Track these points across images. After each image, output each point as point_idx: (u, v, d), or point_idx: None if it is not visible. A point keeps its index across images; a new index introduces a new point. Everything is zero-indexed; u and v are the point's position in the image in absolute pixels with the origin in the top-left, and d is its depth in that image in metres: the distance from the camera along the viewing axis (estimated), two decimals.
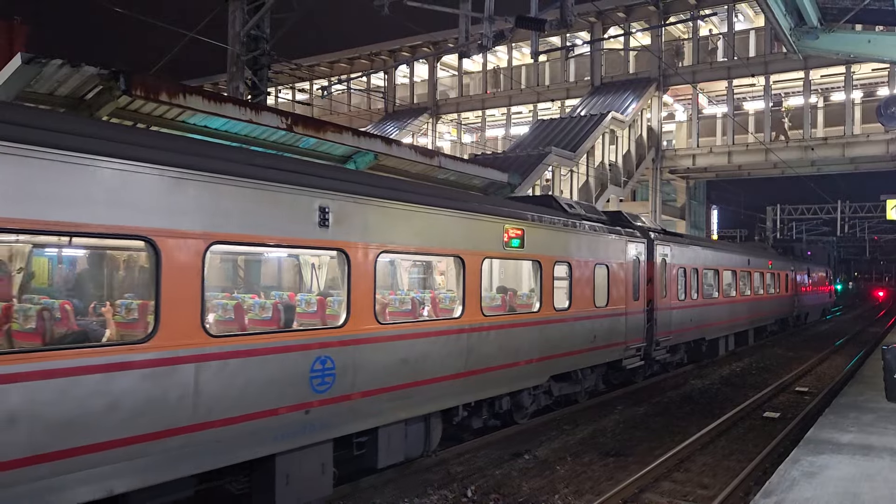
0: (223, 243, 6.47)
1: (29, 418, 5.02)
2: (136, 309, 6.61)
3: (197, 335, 6.14)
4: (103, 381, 5.46)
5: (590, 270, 13.06)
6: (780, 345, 26.65)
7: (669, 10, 34.26)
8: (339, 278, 7.90)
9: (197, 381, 6.12)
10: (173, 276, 5.95)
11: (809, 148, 32.00)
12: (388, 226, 8.21)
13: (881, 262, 79.95)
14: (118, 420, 5.54)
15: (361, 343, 7.80)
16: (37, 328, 6.03)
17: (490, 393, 10.30)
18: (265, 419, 6.71)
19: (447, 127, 43.32)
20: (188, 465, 6.08)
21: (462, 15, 13.74)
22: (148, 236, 5.78)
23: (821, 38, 11.08)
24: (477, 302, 9.75)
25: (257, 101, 15.61)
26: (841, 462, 8.07)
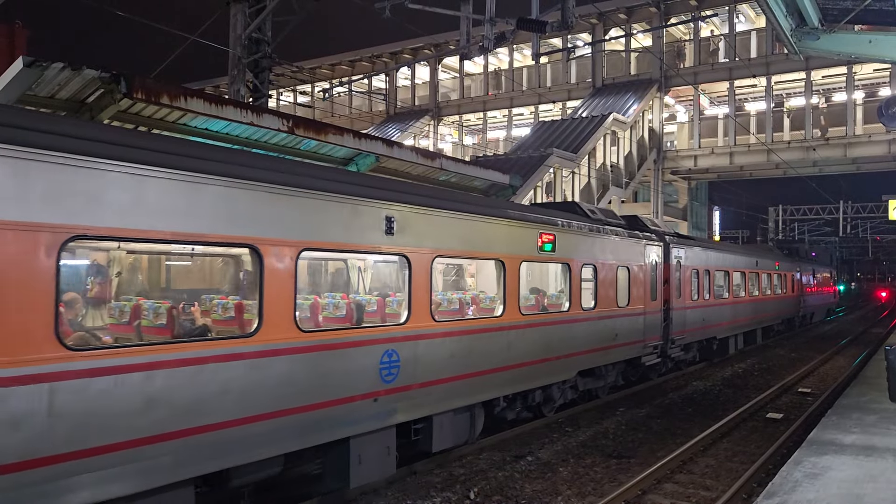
0: (311, 250, 7.29)
1: (166, 402, 5.78)
2: (244, 307, 7.26)
3: (291, 330, 6.93)
4: (219, 370, 6.26)
5: (613, 272, 13.76)
6: (782, 346, 26.61)
7: (670, 11, 34.28)
8: (400, 280, 8.74)
9: (291, 371, 6.93)
10: (273, 278, 6.74)
11: (811, 148, 31.99)
12: (440, 233, 9.05)
13: (883, 262, 79.80)
14: (230, 403, 6.32)
15: (420, 338, 8.64)
16: (167, 324, 6.88)
17: (526, 386, 11.07)
18: (343, 405, 7.51)
19: (448, 129, 43.35)
20: (287, 444, 6.92)
21: (463, 17, 13.75)
22: (253, 244, 6.58)
23: (822, 38, 11.07)
24: (516, 302, 10.53)
25: (258, 103, 15.63)
26: (844, 463, 8.05)
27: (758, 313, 25.46)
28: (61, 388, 5.16)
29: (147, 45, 58.14)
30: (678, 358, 18.14)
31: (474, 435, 10.11)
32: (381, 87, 44.90)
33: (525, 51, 38.32)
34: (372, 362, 7.89)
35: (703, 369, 19.74)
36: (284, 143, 12.71)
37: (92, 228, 5.42)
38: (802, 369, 19.71)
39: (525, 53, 38.98)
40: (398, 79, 43.97)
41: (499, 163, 24.30)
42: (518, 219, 10.76)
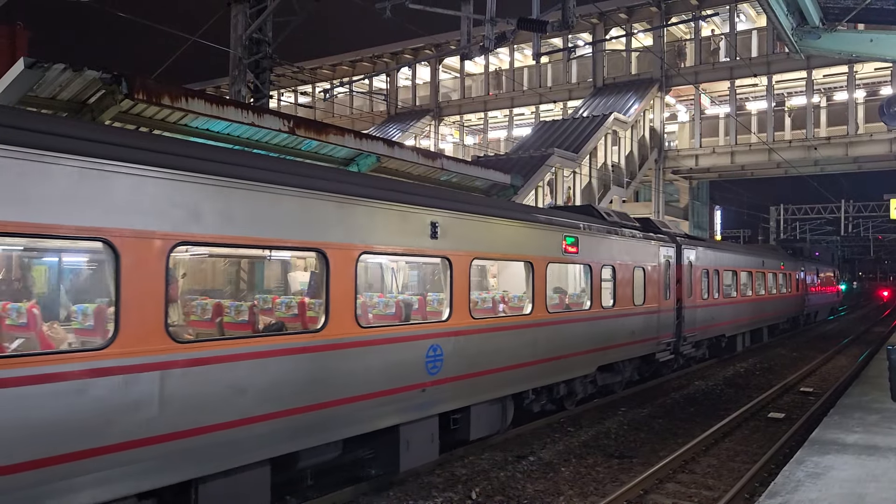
0: (369, 253, 7.96)
1: (253, 389, 6.48)
2: (319, 307, 7.82)
3: (352, 326, 7.58)
4: (291, 362, 6.88)
5: (630, 272, 14.42)
6: (783, 345, 26.59)
7: (671, 10, 34.26)
8: (442, 280, 9.34)
9: (351, 363, 7.58)
10: (337, 279, 7.40)
11: (812, 147, 31.96)
12: (477, 236, 9.68)
13: (885, 261, 79.76)
14: (299, 392, 6.90)
15: (461, 334, 9.28)
16: (248, 320, 7.75)
17: (552, 379, 11.75)
18: (395, 395, 8.18)
19: (449, 129, 43.35)
20: (347, 430, 7.60)
21: (464, 17, 13.75)
22: (321, 248, 7.24)
23: (823, 37, 11.07)
24: (543, 300, 11.19)
25: (259, 104, 15.63)
26: (846, 463, 8.04)
27: (764, 312, 26.00)
28: (173, 374, 5.88)
29: (148, 46, 58.17)
30: (689, 355, 18.72)
31: (505, 424, 10.77)
32: (382, 87, 44.90)
33: (526, 51, 38.32)
34: (419, 356, 8.56)
35: (704, 369, 19.73)
36: (285, 144, 12.71)
37: (196, 236, 6.19)
38: (804, 369, 19.69)
39: (526, 53, 38.97)
40: (399, 79, 43.97)
41: (500, 163, 24.30)
42: (545, 223, 11.44)
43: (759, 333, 26.30)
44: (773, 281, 27.43)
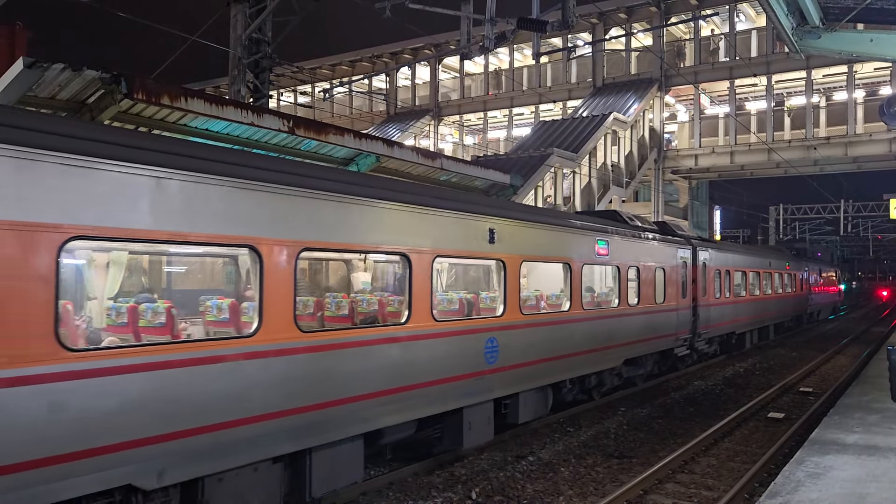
0: (442, 256, 9.12)
1: (350, 373, 7.52)
2: (402, 301, 8.77)
3: (429, 320, 8.70)
4: (382, 351, 7.97)
5: (652, 273, 15.50)
6: (783, 345, 26.60)
7: (671, 10, 34.24)
8: (496, 280, 10.46)
9: (429, 352, 8.66)
10: (417, 279, 8.50)
11: (812, 147, 31.96)
12: (526, 241, 10.79)
13: (885, 261, 79.77)
14: (386, 376, 7.96)
15: (512, 328, 10.36)
16: (348, 314, 8.73)
17: (585, 371, 12.79)
18: (461, 381, 9.30)
19: (449, 129, 43.33)
20: (422, 410, 8.62)
21: (464, 17, 13.74)
22: (405, 253, 8.37)
23: (823, 37, 11.07)
24: (579, 298, 12.33)
25: (259, 104, 15.62)
26: (846, 463, 8.04)
27: (771, 310, 27.12)
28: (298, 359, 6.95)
29: (147, 45, 58.15)
30: (703, 350, 19.74)
31: (546, 411, 11.89)
32: (382, 87, 44.87)
33: (525, 50, 38.29)
34: (480, 347, 9.66)
35: (704, 369, 19.74)
36: (285, 144, 12.70)
37: (315, 243, 7.29)
38: (804, 369, 19.69)
39: (525, 53, 38.95)
40: (398, 79, 43.95)
41: (499, 163, 24.29)
42: (581, 228, 12.62)
43: (766, 331, 27.16)
44: (779, 281, 28.40)
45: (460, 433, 9.56)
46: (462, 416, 9.53)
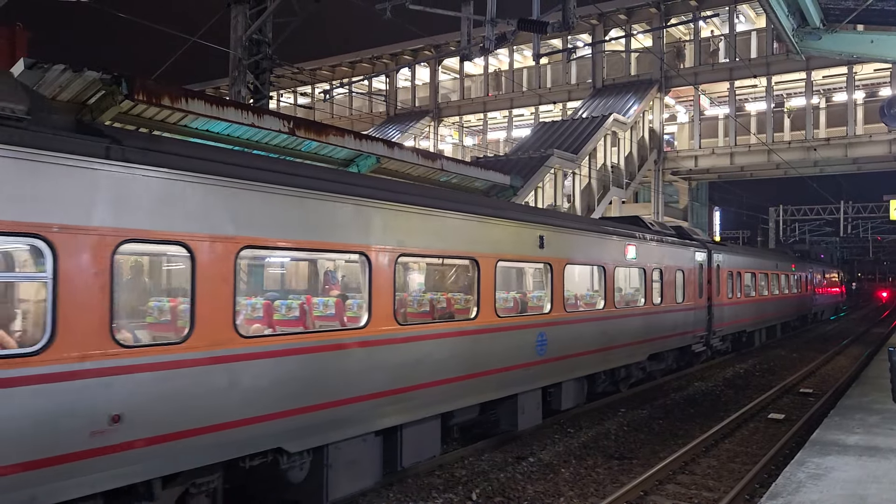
0: (503, 261, 10.34)
1: (432, 360, 8.73)
2: (470, 299, 10.01)
3: (493, 316, 9.96)
4: (456, 342, 9.18)
5: (672, 275, 16.64)
6: (783, 346, 26.59)
7: (671, 11, 34.26)
8: (544, 281, 11.67)
9: (492, 343, 9.93)
10: (484, 280, 9.75)
11: (812, 148, 31.96)
12: (570, 246, 12.10)
13: (884, 262, 79.72)
14: (457, 364, 9.20)
15: (557, 324, 11.55)
16: (428, 310, 9.93)
17: (616, 364, 14.02)
18: (518, 370, 10.55)
19: (449, 130, 43.33)
20: (487, 395, 9.92)
21: (464, 18, 13.73)
22: (474, 257, 9.60)
23: (823, 38, 11.07)
24: (612, 298, 13.47)
25: (259, 105, 15.62)
26: (847, 464, 8.03)
27: (778, 310, 28.34)
28: (398, 348, 8.23)
29: (148, 46, 58.20)
30: (717, 347, 20.79)
31: (583, 400, 13.16)
32: (382, 88, 44.88)
33: (525, 52, 38.32)
34: (532, 340, 10.88)
35: (704, 369, 19.73)
36: (285, 145, 12.69)
37: (407, 250, 8.50)
38: (804, 370, 19.69)
39: (525, 54, 38.97)
40: (398, 80, 43.97)
41: (499, 164, 24.28)
42: (614, 234, 13.93)
43: (774, 329, 28.38)
44: (786, 282, 29.57)
45: (515, 417, 10.84)
46: (517, 401, 10.79)
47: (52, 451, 5.13)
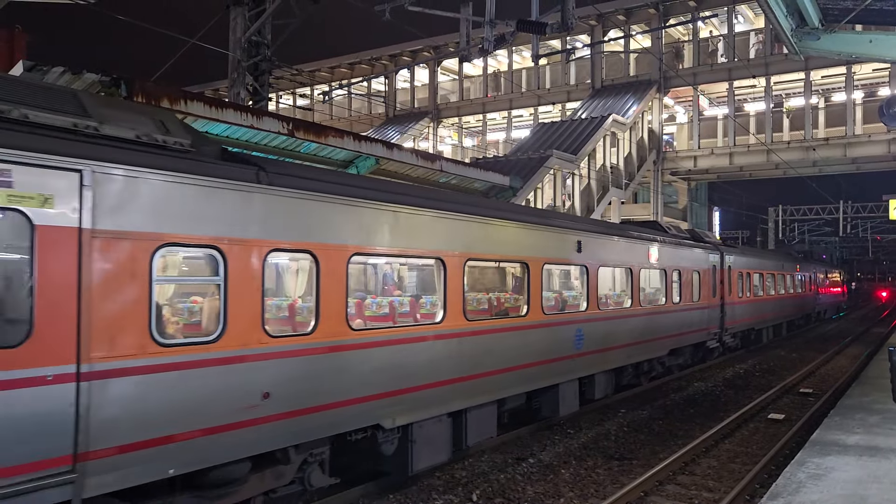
0: (548, 263, 11.47)
1: (491, 352, 9.93)
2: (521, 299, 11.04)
3: (540, 314, 11.10)
4: (509, 337, 10.36)
5: (690, 275, 17.75)
6: (783, 346, 26.60)
7: (669, 12, 34.26)
8: (581, 281, 12.82)
9: (539, 338, 11.07)
10: (533, 280, 10.87)
11: (811, 148, 31.97)
12: (602, 250, 13.20)
13: (884, 262, 79.67)
14: (511, 356, 10.32)
15: (592, 321, 12.66)
16: (487, 308, 10.62)
17: (642, 358, 15.14)
18: (559, 362, 11.67)
19: (448, 131, 43.33)
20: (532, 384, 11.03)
21: (463, 19, 13.74)
22: (525, 261, 10.81)
23: (822, 38, 11.07)
24: (638, 297, 14.58)
25: (258, 106, 15.62)
26: (847, 464, 8.03)
27: (784, 309, 29.39)
28: (464, 340, 9.39)
29: (147, 49, 58.03)
30: (729, 344, 21.69)
31: (612, 391, 14.25)
32: (381, 89, 44.88)
33: (524, 52, 38.34)
34: (571, 336, 12.03)
35: (704, 370, 19.74)
36: (284, 146, 12.69)
37: (473, 255, 9.71)
38: (804, 370, 19.69)
39: (524, 55, 38.99)
40: (397, 81, 43.97)
41: (499, 165, 24.29)
42: (638, 238, 14.97)
43: (780, 327, 29.46)
44: (791, 282, 30.65)
45: (557, 404, 11.94)
46: (558, 390, 11.88)
47: (221, 420, 6.28)
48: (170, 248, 6.05)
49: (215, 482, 6.44)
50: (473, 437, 9.77)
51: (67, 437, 5.23)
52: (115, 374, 5.55)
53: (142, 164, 5.76)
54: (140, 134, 5.97)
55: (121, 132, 5.84)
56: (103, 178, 5.51)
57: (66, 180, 5.30)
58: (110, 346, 5.52)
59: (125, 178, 5.66)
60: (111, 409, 5.48)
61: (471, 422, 9.66)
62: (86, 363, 5.34)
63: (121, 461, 5.55)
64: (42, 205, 5.16)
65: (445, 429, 9.22)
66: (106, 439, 5.45)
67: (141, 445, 5.68)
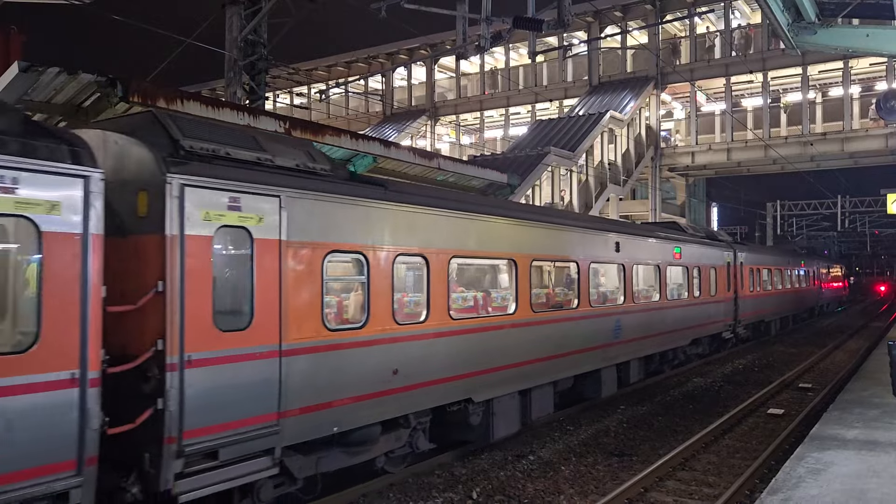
0: (594, 262, 13.21)
1: (549, 339, 11.60)
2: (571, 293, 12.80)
3: (588, 305, 12.83)
4: (562, 326, 12.03)
5: (708, 272, 19.42)
6: (781, 342, 26.62)
7: (666, 8, 34.19)
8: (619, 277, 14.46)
9: (587, 327, 12.75)
10: (583, 277, 12.68)
11: (808, 143, 31.96)
12: (636, 249, 15.01)
13: (882, 256, 79.68)
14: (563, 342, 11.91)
15: (628, 313, 14.37)
16: (545, 301, 12.26)
17: (667, 347, 16.89)
18: (602, 349, 13.33)
19: (445, 129, 43.27)
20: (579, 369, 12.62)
21: (459, 16, 13.70)
22: (577, 260, 12.55)
23: (819, 33, 11.07)
24: (665, 291, 16.38)
25: (255, 105, 15.59)
26: (847, 458, 8.04)
27: (791, 302, 31.07)
28: (532, 329, 11.16)
29: (143, 48, 57.94)
30: (742, 335, 23.24)
31: (643, 375, 15.89)
32: (378, 87, 44.80)
33: (521, 50, 38.21)
34: (611, 326, 13.63)
35: (703, 365, 19.76)
36: None
37: (537, 256, 11.52)
38: (802, 365, 19.72)
39: (521, 52, 38.87)
40: (394, 79, 43.88)
41: (496, 162, 24.26)
42: (665, 238, 16.78)
43: (787, 320, 31.06)
44: (797, 277, 32.39)
45: (599, 387, 13.46)
46: (600, 374, 13.40)
47: (366, 391, 8.00)
48: (333, 253, 7.73)
49: (358, 441, 8.13)
50: (536, 413, 11.43)
51: (274, 399, 6.92)
52: (300, 352, 7.22)
53: (316, 189, 7.51)
54: (298, 163, 7.58)
55: (287, 162, 7.45)
56: (291, 200, 7.20)
57: (271, 204, 7.02)
58: (298, 330, 7.20)
59: (305, 200, 7.37)
60: (297, 379, 7.14)
61: (534, 399, 11.30)
62: (285, 343, 7.06)
63: (303, 420, 7.20)
64: (258, 223, 6.88)
65: (516, 404, 10.88)
66: (294, 402, 7.10)
67: (315, 408, 7.35)
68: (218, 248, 6.65)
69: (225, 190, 6.58)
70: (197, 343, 6.27)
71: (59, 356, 5.33)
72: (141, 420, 5.92)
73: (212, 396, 6.38)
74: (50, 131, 5.74)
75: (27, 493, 5.06)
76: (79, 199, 5.48)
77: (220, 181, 6.55)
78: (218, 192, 6.54)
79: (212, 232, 6.49)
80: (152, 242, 6.16)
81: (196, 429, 6.21)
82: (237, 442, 6.53)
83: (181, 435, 6.09)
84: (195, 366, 6.25)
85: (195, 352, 6.25)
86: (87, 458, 5.42)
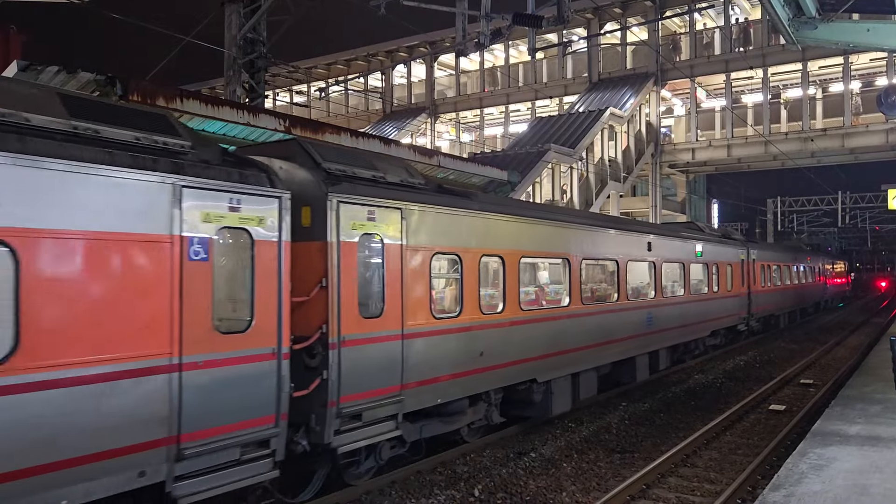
0: (631, 261, 14.53)
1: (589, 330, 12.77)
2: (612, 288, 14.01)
3: (625, 299, 14.13)
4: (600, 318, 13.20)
5: (725, 268, 20.93)
6: (782, 338, 26.62)
7: (666, 4, 34.15)
8: (650, 275, 15.74)
9: (620, 319, 13.95)
10: (621, 273, 13.99)
11: (809, 139, 31.92)
12: (665, 248, 16.35)
13: (883, 252, 79.62)
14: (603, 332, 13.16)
15: (658, 306, 15.72)
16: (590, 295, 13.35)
17: (693, 337, 18.38)
18: (637, 339, 14.69)
19: (446, 126, 43.24)
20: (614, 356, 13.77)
21: (459, 13, 13.69)
22: (617, 259, 13.94)
23: (819, 28, 11.03)
24: (689, 287, 17.77)
25: (255, 104, 15.57)
26: (849, 454, 8.03)
27: (799, 297, 32.39)
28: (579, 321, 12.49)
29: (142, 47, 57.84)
30: (754, 328, 24.69)
31: (669, 364, 17.30)
32: (378, 85, 44.77)
33: (521, 47, 38.18)
34: (644, 318, 15.03)
35: (704, 362, 19.75)
36: None
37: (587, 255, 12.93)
38: (803, 361, 19.70)
39: (521, 49, 38.83)
40: (394, 77, 43.85)
41: (497, 159, 24.24)
42: (689, 238, 18.27)
43: (795, 314, 32.34)
44: (804, 272, 33.77)
45: (634, 373, 14.79)
46: (635, 361, 14.69)
47: (460, 369, 9.44)
48: (437, 255, 9.21)
49: (451, 412, 9.55)
50: (584, 394, 12.70)
51: (398, 374, 8.40)
52: (416, 335, 8.71)
53: (423, 201, 8.91)
54: (402, 179, 8.94)
55: (394, 178, 8.78)
56: (409, 212, 8.67)
57: (395, 214, 8.48)
58: (414, 317, 8.69)
59: (417, 211, 8.81)
60: (413, 358, 8.62)
61: (582, 382, 12.57)
62: (406, 328, 8.53)
63: (417, 391, 8.67)
64: (385, 231, 8.34)
65: (569, 386, 12.24)
66: (412, 377, 8.58)
67: (425, 382, 8.81)
68: (360, 252, 8.08)
69: (364, 205, 8.04)
70: (349, 327, 7.76)
71: (265, 335, 6.82)
72: (313, 387, 7.42)
73: (358, 370, 7.88)
74: (247, 161, 7.15)
75: (245, 439, 6.59)
76: (276, 214, 6.96)
77: (360, 197, 8.00)
78: (360, 206, 7.99)
79: (357, 238, 7.95)
80: (317, 247, 7.64)
81: (348, 395, 7.74)
82: (374, 407, 8.06)
83: (339, 399, 7.61)
84: (348, 345, 7.76)
85: (348, 334, 7.75)
86: (281, 413, 6.90)
